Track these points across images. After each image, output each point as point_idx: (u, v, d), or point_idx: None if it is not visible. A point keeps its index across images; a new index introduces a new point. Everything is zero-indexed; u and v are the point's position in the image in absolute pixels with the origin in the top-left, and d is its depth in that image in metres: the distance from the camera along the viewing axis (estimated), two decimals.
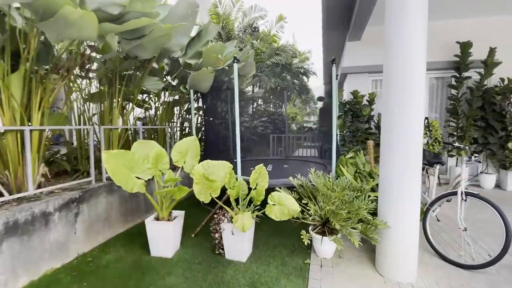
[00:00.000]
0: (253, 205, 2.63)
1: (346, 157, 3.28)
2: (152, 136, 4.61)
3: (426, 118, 5.32)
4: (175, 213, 2.84)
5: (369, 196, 2.35)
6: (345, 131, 5.51)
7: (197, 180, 2.41)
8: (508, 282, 2.11)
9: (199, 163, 2.87)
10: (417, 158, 2.12)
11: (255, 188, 2.67)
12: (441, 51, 5.27)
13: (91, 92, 3.66)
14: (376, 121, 5.53)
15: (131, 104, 3.71)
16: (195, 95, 4.53)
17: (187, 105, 5.12)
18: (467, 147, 2.56)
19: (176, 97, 4.79)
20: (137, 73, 3.60)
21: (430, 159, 3.46)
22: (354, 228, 2.24)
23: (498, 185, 4.96)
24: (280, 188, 2.73)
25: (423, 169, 3.58)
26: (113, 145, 3.35)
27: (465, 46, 4.86)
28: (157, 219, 2.70)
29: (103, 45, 2.97)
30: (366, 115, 5.24)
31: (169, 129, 4.52)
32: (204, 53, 3.65)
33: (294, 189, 2.86)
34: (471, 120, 4.93)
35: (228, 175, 2.65)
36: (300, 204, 2.39)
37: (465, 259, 2.35)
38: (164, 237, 2.58)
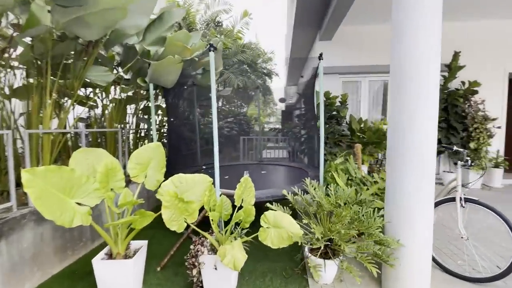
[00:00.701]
0: (240, 228, 2.11)
1: (335, 162, 2.97)
2: (99, 141, 3.74)
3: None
4: (135, 244, 2.17)
5: (378, 210, 2.03)
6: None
7: (168, 203, 1.79)
8: None
9: (165, 176, 2.25)
10: (432, 168, 1.87)
11: (241, 207, 2.15)
12: None
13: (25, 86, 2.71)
14: (348, 123, 5.44)
15: (70, 101, 2.85)
16: (155, 91, 3.81)
17: (143, 103, 4.32)
18: (465, 151, 2.44)
19: (130, 93, 3.98)
20: (79, 60, 2.77)
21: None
22: (361, 251, 1.89)
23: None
24: (272, 204, 2.26)
25: None
26: (44, 156, 2.49)
27: None
28: (109, 255, 2.00)
29: (27, 17, 2.13)
30: (343, 117, 5.09)
31: (122, 133, 3.70)
32: (168, 40, 2.99)
33: (283, 201, 2.43)
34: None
35: (207, 192, 2.09)
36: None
37: (469, 271, 2.20)
38: (121, 281, 1.90)
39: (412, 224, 1.85)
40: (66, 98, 3.02)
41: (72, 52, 2.74)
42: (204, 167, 4.48)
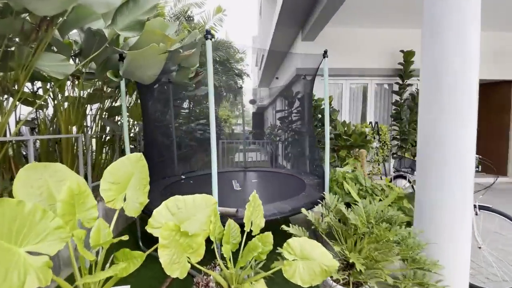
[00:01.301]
0: (255, 260, 1.70)
1: (342, 170, 2.72)
2: (51, 150, 2.98)
3: (376, 122, 5.45)
4: None
5: (407, 225, 1.80)
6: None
7: (166, 239, 1.30)
8: None
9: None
10: (472, 181, 1.70)
11: (251, 231, 1.75)
12: (387, 59, 5.51)
13: None
14: (333, 126, 5.34)
15: (16, 99, 2.13)
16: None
17: (108, 102, 3.60)
18: (478, 156, 2.37)
19: (89, 89, 3.26)
20: (27, 45, 2.07)
21: (414, 166, 3.29)
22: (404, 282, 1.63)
23: None
24: (288, 225, 1.89)
25: (404, 177, 3.40)
26: None
27: (408, 55, 5.18)
28: None
29: None
30: (334, 120, 4.95)
31: (83, 139, 2.98)
32: (147, 27, 2.43)
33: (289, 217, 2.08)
34: (413, 124, 5.31)
35: (212, 217, 1.64)
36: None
37: (484, 281, 2.10)
38: None
39: (456, 243, 1.65)
40: (7, 95, 2.27)
41: (17, 34, 2.03)
42: (183, 176, 3.92)
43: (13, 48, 2.14)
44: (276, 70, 9.33)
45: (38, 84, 3.10)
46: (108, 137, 3.50)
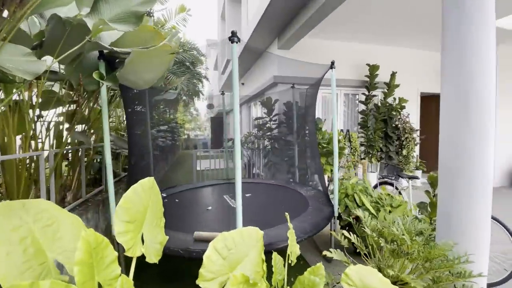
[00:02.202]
0: None
1: (351, 182, 2.70)
2: None
3: (348, 130, 5.77)
4: None
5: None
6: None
7: None
8: None
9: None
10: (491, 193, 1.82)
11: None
12: (354, 71, 5.90)
13: None
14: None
15: None
16: (75, 92, 2.59)
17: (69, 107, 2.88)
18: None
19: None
20: None
21: (402, 174, 3.50)
22: None
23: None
24: (331, 251, 1.73)
25: (391, 184, 3.59)
26: None
27: (373, 68, 5.63)
28: None
29: None
30: (320, 129, 5.00)
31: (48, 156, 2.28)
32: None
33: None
34: (378, 132, 5.78)
35: (260, 254, 1.37)
36: None
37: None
38: None
39: (480, 256, 1.74)
40: None
41: None
42: (164, 194, 3.42)
43: None
44: (242, 75, 9.17)
45: None
46: (70, 152, 2.80)
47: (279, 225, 2.27)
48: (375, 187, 3.63)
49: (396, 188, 3.46)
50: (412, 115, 6.23)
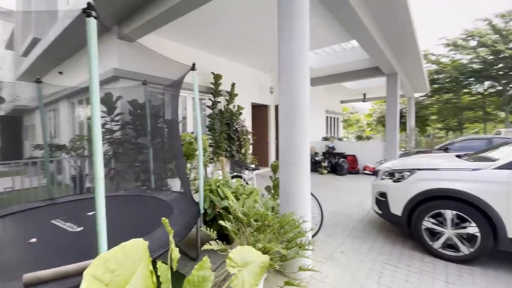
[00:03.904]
0: None
1: (213, 178, 2.86)
2: None
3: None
4: None
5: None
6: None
7: None
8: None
9: None
10: (308, 170, 2.64)
11: None
12: (201, 77, 6.29)
13: None
14: None
15: None
16: None
17: None
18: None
19: None
20: None
21: (248, 166, 4.16)
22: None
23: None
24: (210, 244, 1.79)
25: (241, 177, 4.19)
26: None
27: (217, 77, 6.28)
28: None
29: None
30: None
31: None
32: None
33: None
34: (224, 134, 6.51)
35: (148, 267, 1.22)
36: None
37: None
38: None
39: (307, 219, 2.49)
40: None
41: None
42: None
43: None
44: (60, 62, 7.09)
45: None
46: None
47: (148, 235, 2.06)
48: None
49: (244, 179, 4.12)
50: (247, 120, 7.57)
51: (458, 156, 3.55)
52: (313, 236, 3.22)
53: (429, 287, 2.29)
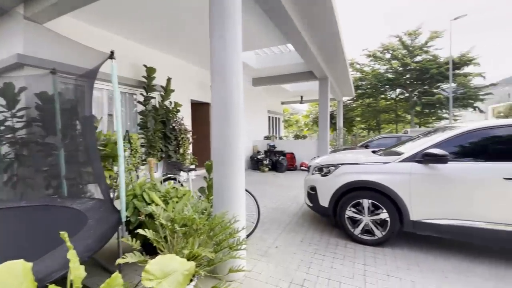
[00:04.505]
0: None
1: (138, 182, 2.55)
2: None
3: (127, 131, 5.50)
4: None
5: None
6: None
7: None
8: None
9: None
10: (243, 167, 2.60)
11: None
12: (131, 69, 5.68)
13: None
14: None
15: None
16: None
17: None
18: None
19: None
20: None
21: (183, 167, 3.90)
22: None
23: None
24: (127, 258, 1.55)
25: (174, 179, 3.91)
26: None
27: (151, 70, 5.77)
28: None
29: None
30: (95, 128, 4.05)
31: None
32: None
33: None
34: (159, 133, 6.02)
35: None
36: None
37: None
38: None
39: (241, 217, 2.44)
40: None
41: None
42: None
43: None
44: None
45: None
46: None
47: (49, 252, 1.70)
48: (160, 183, 3.79)
49: (179, 182, 3.86)
50: (186, 118, 7.20)
51: (374, 152, 4.05)
52: (250, 233, 3.22)
53: (350, 271, 2.51)
